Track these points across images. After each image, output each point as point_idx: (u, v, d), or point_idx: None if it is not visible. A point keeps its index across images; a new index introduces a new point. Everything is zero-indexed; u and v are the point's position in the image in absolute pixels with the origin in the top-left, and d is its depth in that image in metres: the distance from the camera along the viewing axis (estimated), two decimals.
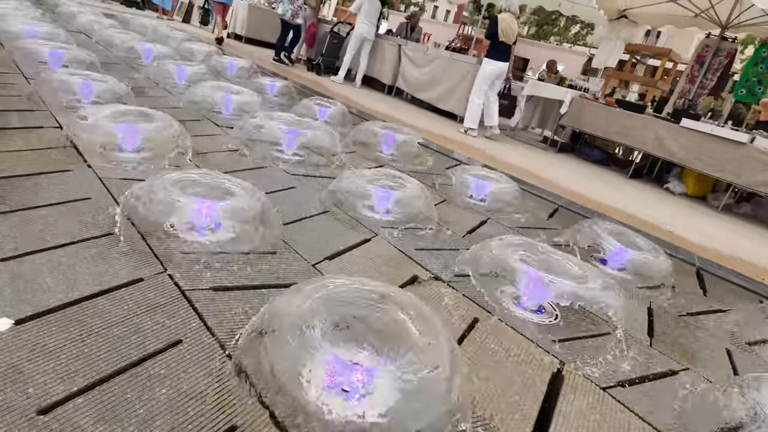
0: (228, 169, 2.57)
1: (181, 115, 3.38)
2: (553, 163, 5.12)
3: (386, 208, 2.50)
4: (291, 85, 5.24)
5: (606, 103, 5.53)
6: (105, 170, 2.15)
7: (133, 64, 4.88)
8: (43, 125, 2.52)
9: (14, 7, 5.28)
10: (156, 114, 2.65)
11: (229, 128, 3.39)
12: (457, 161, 4.28)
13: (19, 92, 2.96)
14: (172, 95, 3.96)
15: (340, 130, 4.28)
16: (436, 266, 2.04)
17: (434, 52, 6.70)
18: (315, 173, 2.90)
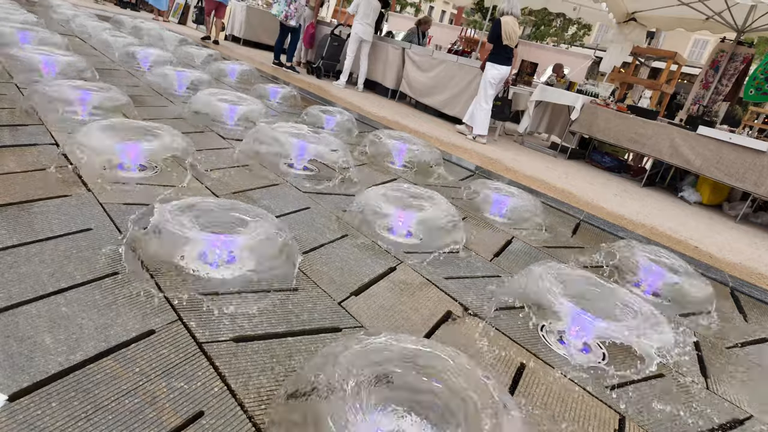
0: (238, 188, 2.40)
1: (184, 127, 3.20)
2: (568, 172, 4.98)
3: (408, 230, 2.34)
4: (295, 92, 5.07)
5: (618, 109, 5.39)
6: (106, 194, 1.97)
7: (132, 70, 4.68)
8: (38, 142, 2.33)
9: (7, 11, 5.07)
10: (160, 128, 2.47)
11: (237, 141, 3.22)
12: (471, 171, 4.12)
13: (11, 104, 2.77)
14: (173, 104, 3.78)
15: (347, 139, 4.12)
16: (469, 298, 1.88)
17: (440, 56, 6.55)
18: (328, 190, 2.73)
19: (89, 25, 6.17)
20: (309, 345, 1.37)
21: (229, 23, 9.65)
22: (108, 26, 6.39)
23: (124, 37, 5.62)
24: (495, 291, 1.93)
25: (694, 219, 4.26)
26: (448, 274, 2.05)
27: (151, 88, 4.11)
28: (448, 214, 2.35)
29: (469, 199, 3.17)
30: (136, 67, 4.84)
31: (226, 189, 2.36)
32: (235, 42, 9.68)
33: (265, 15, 9.65)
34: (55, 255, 1.48)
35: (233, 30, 9.61)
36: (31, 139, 2.34)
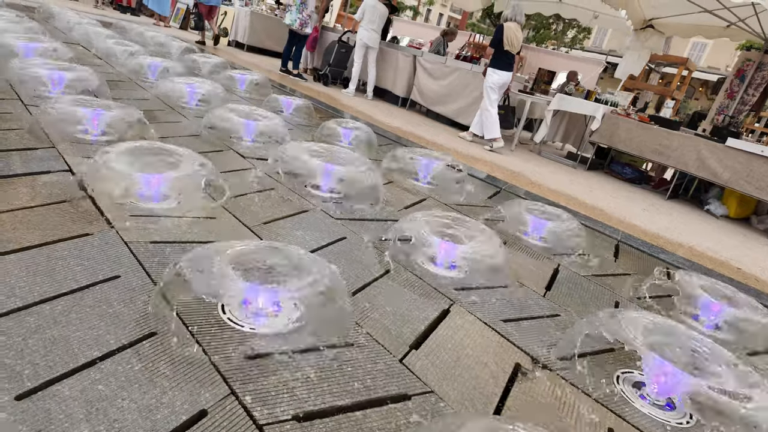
0: (267, 217, 2.23)
1: (201, 145, 3.02)
2: (591, 186, 4.83)
3: (452, 263, 2.17)
4: (309, 104, 4.89)
5: (639, 119, 5.25)
6: (130, 231, 1.79)
7: (139, 81, 4.50)
8: (51, 169, 2.15)
9: (8, 20, 4.87)
10: (180, 153, 2.29)
11: (258, 160, 3.04)
12: (497, 187, 3.96)
13: (18, 124, 2.58)
14: (187, 119, 3.59)
15: (368, 153, 3.95)
16: (533, 345, 1.71)
17: (454, 63, 6.39)
18: (360, 214, 2.55)
19: (92, 32, 5.98)
20: (380, 421, 1.19)
21: (233, 29, 9.48)
22: (110, 33, 6.20)
23: (130, 46, 5.43)
24: (564, 339, 1.76)
25: (726, 235, 4.11)
26: (504, 314, 1.88)
27: (161, 101, 3.92)
28: (491, 243, 2.18)
29: (501, 220, 3.00)
30: (143, 78, 4.65)
31: (255, 218, 2.18)
32: (238, 48, 9.50)
33: (269, 21, 9.49)
34: (83, 313, 1.30)
35: (237, 36, 9.44)
36: (42, 166, 2.16)
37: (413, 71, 6.98)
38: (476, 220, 2.40)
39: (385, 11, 7.12)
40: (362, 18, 6.97)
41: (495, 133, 5.40)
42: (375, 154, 4.05)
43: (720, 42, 24.90)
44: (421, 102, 6.95)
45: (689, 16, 5.77)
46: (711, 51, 29.99)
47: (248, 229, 2.07)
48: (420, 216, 2.27)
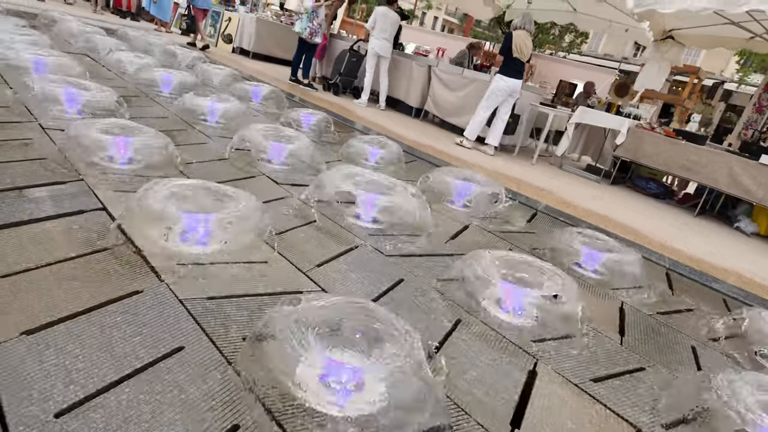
0: (319, 258, 2.05)
1: (230, 170, 2.84)
2: (623, 204, 4.70)
3: (520, 307, 2.01)
4: (329, 119, 4.72)
5: (665, 133, 5.14)
6: (183, 285, 1.61)
7: (154, 96, 4.30)
8: (84, 208, 1.96)
9: (10, 30, 4.65)
10: (225, 192, 2.10)
11: (293, 186, 2.86)
12: (531, 208, 3.81)
13: (40, 153, 2.38)
14: (211, 139, 3.41)
15: (397, 172, 3.80)
16: (634, 411, 1.55)
17: (471, 74, 6.25)
18: (410, 248, 2.38)
19: (99, 42, 5.76)
20: None
21: (237, 36, 9.27)
22: (117, 42, 5.98)
23: (139, 57, 5.23)
24: (661, 403, 1.60)
25: (763, 256, 4.00)
26: (591, 371, 1.72)
27: (181, 119, 3.73)
28: (557, 282, 2.02)
29: (553, 249, 2.85)
30: (157, 92, 4.45)
31: (306, 259, 2.01)
32: (243, 55, 9.29)
33: (275, 27, 9.30)
34: (153, 402, 1.12)
35: (242, 43, 9.23)
36: (74, 204, 1.97)
37: (428, 81, 6.83)
38: (537, 258, 2.24)
39: (396, 19, 6.97)
40: (374, 27, 6.82)
41: (471, 136, 5.55)
42: (404, 173, 3.89)
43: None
44: (435, 113, 6.80)
45: (712, 27, 5.68)
46: (706, 57, 30.24)
47: (303, 275, 1.89)
48: (485, 255, 2.10)
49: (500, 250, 2.20)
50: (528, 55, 5.33)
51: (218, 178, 2.69)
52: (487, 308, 1.96)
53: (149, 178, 2.40)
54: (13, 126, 2.65)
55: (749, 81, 21.72)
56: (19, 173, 2.10)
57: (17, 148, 2.37)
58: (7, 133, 2.52)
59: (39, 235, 1.68)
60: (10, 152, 2.29)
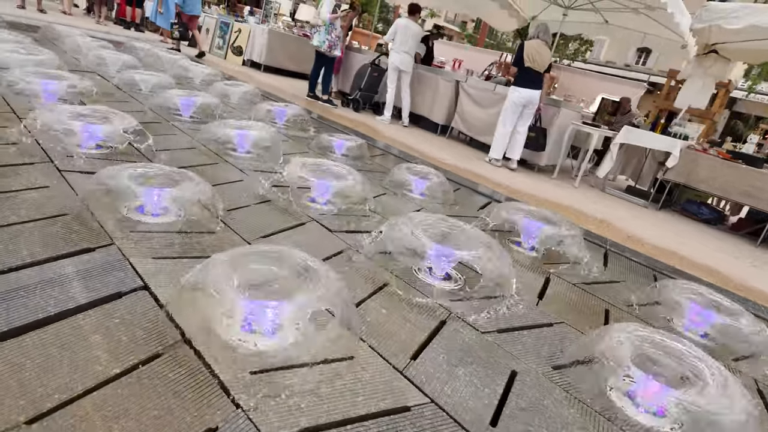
0: (405, 342, 1.65)
1: (282, 219, 2.44)
2: (688, 236, 4.33)
3: (662, 408, 1.61)
4: (363, 143, 4.34)
5: (720, 155, 4.79)
6: (264, 410, 1.21)
7: (174, 121, 3.91)
8: (122, 288, 1.56)
9: (13, 48, 4.25)
10: (283, 257, 1.70)
11: (348, 234, 2.47)
12: (599, 246, 3.43)
13: (59, 206, 1.98)
14: (247, 175, 3.01)
15: (445, 205, 3.41)
16: None
17: (504, 91, 5.89)
18: (499, 314, 1.99)
19: (108, 58, 5.37)
20: None
21: (248, 48, 8.91)
22: (126, 57, 5.59)
23: (153, 76, 4.84)
24: None
25: None
26: None
27: (209, 149, 3.34)
28: (726, 390, 1.62)
29: (657, 304, 2.46)
30: (175, 115, 4.06)
31: (391, 346, 1.61)
32: (254, 68, 8.93)
33: (287, 39, 8.96)
34: None
35: (252, 55, 8.87)
36: (109, 282, 1.56)
37: (455, 97, 6.48)
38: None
39: (418, 31, 6.64)
40: (393, 39, 6.48)
41: (497, 154, 5.47)
42: (457, 207, 3.51)
43: None
44: (464, 130, 6.45)
45: (761, 42, 5.35)
46: None
47: (399, 374, 1.49)
48: (620, 335, 1.71)
49: (630, 324, 1.80)
50: (543, 64, 5.15)
51: (267, 228, 2.30)
52: (609, 392, 1.57)
53: (190, 233, 2.01)
54: (26, 170, 2.25)
55: (760, 90, 21.52)
56: (38, 240, 1.70)
57: (32, 201, 1.96)
58: (20, 180, 2.12)
59: (70, 341, 1.28)
60: (24, 208, 1.89)
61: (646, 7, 5.52)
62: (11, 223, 1.76)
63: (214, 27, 9.68)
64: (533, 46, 5.08)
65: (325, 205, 2.86)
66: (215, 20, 9.71)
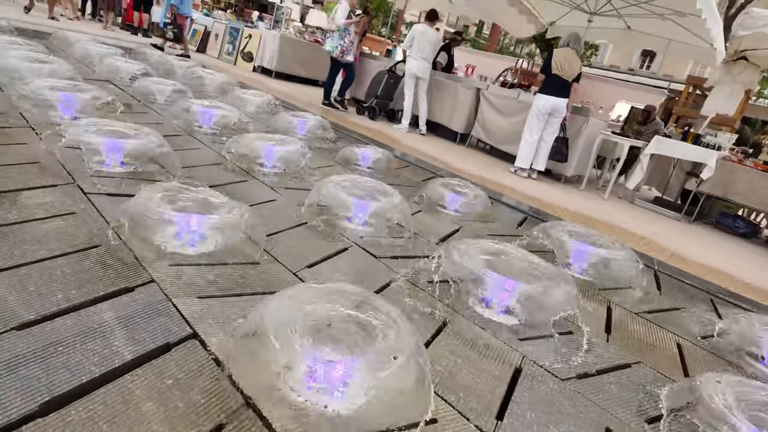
0: (486, 395, 1.47)
1: (323, 244, 2.26)
2: (737, 253, 4.16)
3: None
4: (389, 155, 4.16)
5: (758, 167, 4.61)
6: None
7: (196, 134, 3.73)
8: (170, 338, 1.38)
9: (27, 56, 4.08)
10: (340, 295, 1.52)
11: (394, 260, 2.28)
12: (648, 267, 3.24)
13: (89, 236, 1.80)
14: (280, 195, 2.83)
15: (478, 220, 3.23)
16: None
17: (528, 99, 5.71)
18: (578, 364, 1.80)
19: (120, 66, 5.21)
20: None
21: (258, 54, 8.75)
22: (138, 65, 5.42)
23: (168, 85, 4.67)
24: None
25: None
26: None
27: (238, 166, 3.15)
28: None
29: (726, 334, 2.27)
30: (196, 126, 3.88)
31: (471, 402, 1.43)
32: (265, 74, 8.76)
33: (298, 45, 8.80)
34: None
35: (263, 61, 8.70)
36: (154, 330, 1.38)
37: (475, 105, 6.31)
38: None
39: (436, 37, 6.48)
40: (410, 46, 6.32)
41: (523, 163, 5.25)
42: (499, 225, 3.32)
43: None
44: (484, 139, 6.27)
45: None
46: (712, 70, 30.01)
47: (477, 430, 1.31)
48: (719, 386, 1.52)
49: (727, 374, 1.61)
50: (571, 73, 5.02)
51: (310, 255, 2.12)
52: None
53: (233, 265, 1.83)
54: (49, 193, 2.07)
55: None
56: (71, 278, 1.52)
57: (60, 231, 1.78)
58: (44, 206, 1.94)
59: (120, 411, 1.09)
60: (53, 239, 1.71)
61: (675, 12, 5.35)
62: (41, 259, 1.58)
63: (224, 32, 9.53)
64: (562, 53, 4.93)
65: (363, 226, 2.68)
66: (224, 26, 9.55)
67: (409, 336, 1.42)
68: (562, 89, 4.94)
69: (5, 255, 1.55)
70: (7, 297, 1.36)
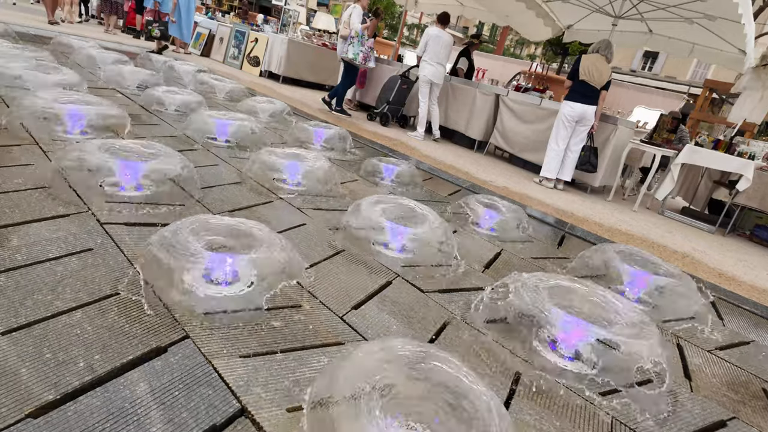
0: None
1: (359, 271, 2.02)
2: None
3: None
4: (413, 168, 3.94)
5: None
6: None
7: (210, 147, 3.50)
8: (215, 417, 1.14)
9: (31, 64, 3.85)
10: (412, 359, 1.29)
11: (444, 294, 2.05)
12: (713, 296, 3.01)
13: (111, 280, 1.57)
14: (309, 218, 2.60)
15: (518, 241, 3.00)
16: None
17: (551, 106, 5.50)
18: (668, 421, 1.58)
19: (125, 73, 4.97)
20: None
21: (265, 58, 8.53)
22: (146, 73, 5.19)
23: (177, 93, 4.44)
24: None
25: None
26: None
27: (259, 184, 2.93)
28: None
29: None
30: (210, 139, 3.65)
31: None
32: (272, 79, 8.54)
33: (306, 49, 8.58)
34: None
35: (270, 66, 8.49)
36: (198, 409, 1.15)
37: (493, 112, 6.09)
38: None
39: (450, 41, 6.27)
40: (424, 51, 6.10)
41: (549, 173, 5.04)
42: (537, 249, 3.10)
43: None
44: (504, 147, 6.05)
45: None
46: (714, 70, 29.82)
47: None
48: None
49: None
50: (600, 81, 4.81)
51: (355, 292, 1.89)
52: None
53: (275, 310, 1.60)
54: (61, 225, 1.84)
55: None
56: (94, 339, 1.29)
57: (76, 273, 1.55)
58: (57, 241, 1.71)
59: None
60: (68, 285, 1.48)
61: (705, 16, 5.14)
62: (58, 313, 1.35)
63: (229, 36, 9.30)
64: (592, 59, 4.73)
65: (401, 252, 2.45)
66: (230, 29, 9.32)
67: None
68: (590, 96, 4.73)
69: (15, 309, 1.32)
70: (20, 369, 1.13)
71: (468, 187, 4.34)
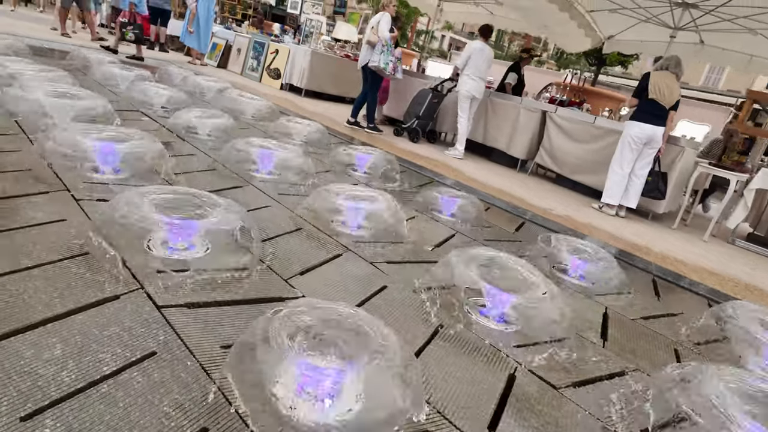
0: None
1: (474, 363, 1.62)
2: None
3: None
4: (477, 202, 3.54)
5: None
6: None
7: (253, 180, 3.11)
8: None
9: (53, 88, 3.47)
10: None
11: (526, 349, 1.64)
12: None
13: (144, 345, 1.17)
14: (388, 275, 2.19)
15: (612, 292, 2.59)
16: None
17: (607, 124, 5.09)
18: None
19: (150, 92, 4.61)
20: None
21: (286, 71, 8.16)
22: (170, 92, 4.81)
23: (209, 116, 4.07)
24: None
25: None
26: None
27: (318, 229, 2.53)
28: None
29: None
30: (250, 171, 3.26)
31: None
32: (293, 92, 8.17)
33: (329, 61, 8.22)
34: None
35: (291, 78, 8.12)
36: None
37: (539, 130, 5.69)
38: None
39: (492, 54, 5.88)
40: (465, 65, 5.73)
41: (611, 199, 4.61)
42: (640, 306, 2.68)
43: None
44: (552, 167, 5.64)
45: None
46: (728, 74, 29.28)
47: None
48: None
49: None
50: (671, 100, 4.37)
51: (477, 393, 1.48)
52: None
53: None
54: (110, 308, 1.44)
55: None
56: None
57: (144, 393, 1.15)
58: (110, 337, 1.31)
59: None
60: None
61: None
62: None
63: (247, 47, 8.95)
64: (662, 77, 4.32)
65: (501, 322, 2.04)
66: (248, 40, 8.97)
67: None
68: (659, 116, 4.32)
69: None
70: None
71: (530, 218, 3.93)
